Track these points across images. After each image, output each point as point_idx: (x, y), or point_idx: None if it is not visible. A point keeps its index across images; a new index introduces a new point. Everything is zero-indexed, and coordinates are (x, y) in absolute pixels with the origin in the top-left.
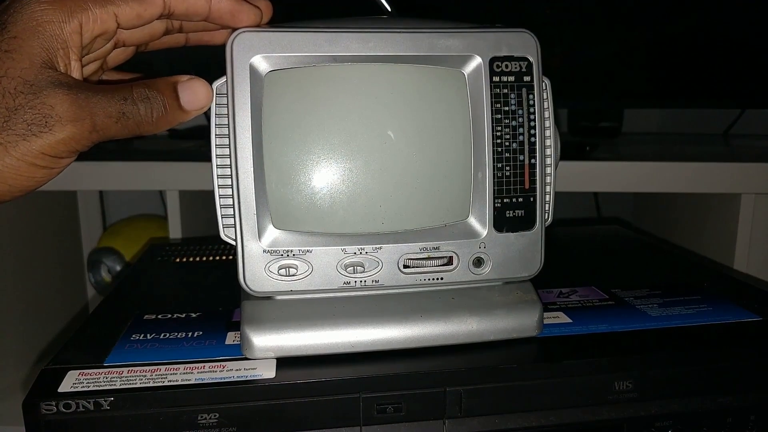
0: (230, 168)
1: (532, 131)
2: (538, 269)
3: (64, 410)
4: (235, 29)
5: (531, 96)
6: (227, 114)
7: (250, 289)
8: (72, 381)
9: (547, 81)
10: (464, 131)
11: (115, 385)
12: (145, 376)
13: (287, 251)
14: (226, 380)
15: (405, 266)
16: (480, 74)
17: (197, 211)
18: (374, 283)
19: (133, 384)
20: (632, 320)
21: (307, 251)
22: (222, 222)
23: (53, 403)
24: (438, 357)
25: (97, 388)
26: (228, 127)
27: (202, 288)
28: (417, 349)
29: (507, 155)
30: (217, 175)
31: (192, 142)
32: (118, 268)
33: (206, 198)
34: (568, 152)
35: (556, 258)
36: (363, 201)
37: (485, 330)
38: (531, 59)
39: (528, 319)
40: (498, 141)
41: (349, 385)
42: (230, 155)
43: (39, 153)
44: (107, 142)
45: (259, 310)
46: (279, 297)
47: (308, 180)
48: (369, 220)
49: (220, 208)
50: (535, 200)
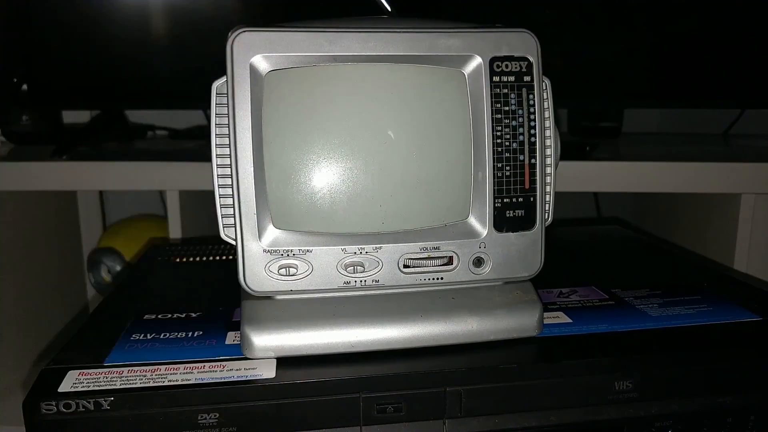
0: (230, 168)
1: (532, 131)
2: (538, 269)
3: (64, 410)
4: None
5: (531, 96)
6: (227, 114)
7: (250, 289)
8: (72, 381)
9: (547, 81)
10: (464, 131)
11: (115, 385)
12: (145, 376)
13: (287, 251)
14: (226, 380)
15: (405, 266)
16: (480, 74)
17: (197, 211)
18: (374, 283)
19: (133, 384)
20: (632, 320)
21: (307, 251)
22: (222, 222)
23: (53, 403)
24: (438, 357)
25: (97, 388)
26: (228, 127)
27: (202, 288)
28: (417, 349)
29: (507, 155)
30: (217, 175)
31: (192, 142)
32: (118, 268)
33: (206, 198)
34: (568, 152)
35: (556, 258)
36: (363, 201)
37: (485, 330)
38: (531, 59)
39: (528, 319)
40: (498, 141)
41: (349, 385)
42: (230, 155)
43: None
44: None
45: (259, 310)
46: (279, 297)
47: (308, 180)
48: (369, 220)
49: (220, 208)
50: (535, 200)
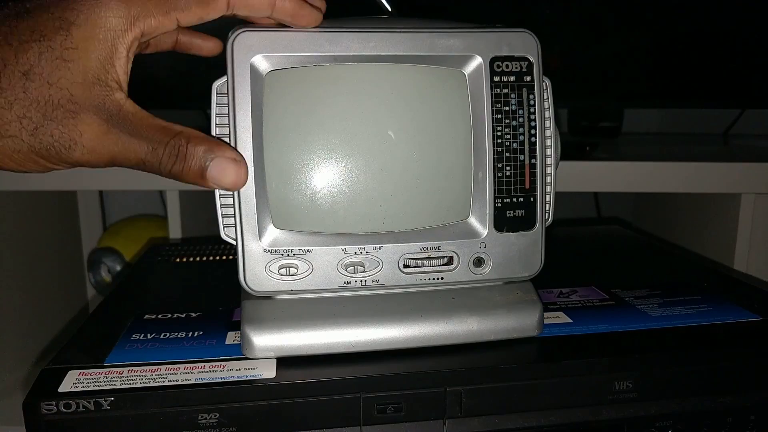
0: None
1: (533, 131)
2: (539, 269)
3: (65, 410)
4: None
5: (531, 96)
6: (227, 114)
7: (251, 289)
8: (72, 381)
9: (547, 81)
10: (464, 131)
11: (116, 385)
12: (146, 376)
13: (287, 251)
14: (226, 380)
15: (405, 266)
16: (480, 74)
17: (197, 211)
18: (374, 283)
19: (134, 384)
20: (632, 320)
21: (308, 251)
22: (222, 221)
23: (53, 403)
24: (438, 357)
25: (98, 388)
26: (228, 127)
27: (202, 288)
28: (417, 349)
29: (507, 155)
30: None
31: None
32: (118, 268)
33: (206, 198)
34: (568, 152)
35: (556, 258)
36: (363, 201)
37: (485, 330)
38: (531, 59)
39: (528, 319)
40: (498, 141)
41: (349, 385)
42: None
43: (48, 163)
44: None
45: (260, 310)
46: (279, 297)
47: (308, 180)
48: (369, 220)
49: (221, 208)
50: (536, 200)
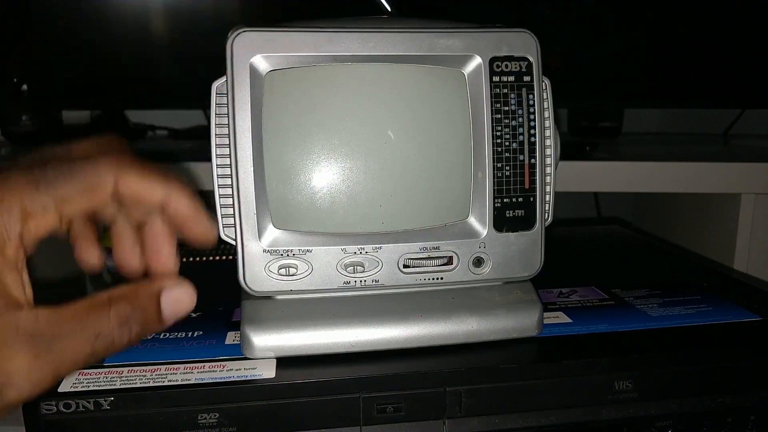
0: (230, 168)
1: (532, 131)
2: (538, 269)
3: (64, 410)
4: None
5: (531, 96)
6: (227, 114)
7: (250, 289)
8: (72, 381)
9: (547, 81)
10: (464, 131)
11: (115, 385)
12: (145, 376)
13: (287, 251)
14: (226, 380)
15: (405, 266)
16: (480, 74)
17: None
18: (374, 283)
19: (133, 384)
20: (632, 320)
21: (307, 251)
22: (222, 222)
23: (53, 403)
24: (438, 357)
25: (97, 388)
26: (228, 127)
27: (202, 288)
28: (417, 349)
29: (507, 155)
30: (217, 175)
31: (192, 142)
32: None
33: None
34: (568, 152)
35: (556, 258)
36: (363, 201)
37: (485, 330)
38: (531, 59)
39: (528, 319)
40: (498, 141)
41: (349, 385)
42: (230, 155)
43: None
44: None
45: (259, 310)
46: (279, 297)
47: (308, 180)
48: (369, 220)
49: (220, 208)
50: (535, 200)
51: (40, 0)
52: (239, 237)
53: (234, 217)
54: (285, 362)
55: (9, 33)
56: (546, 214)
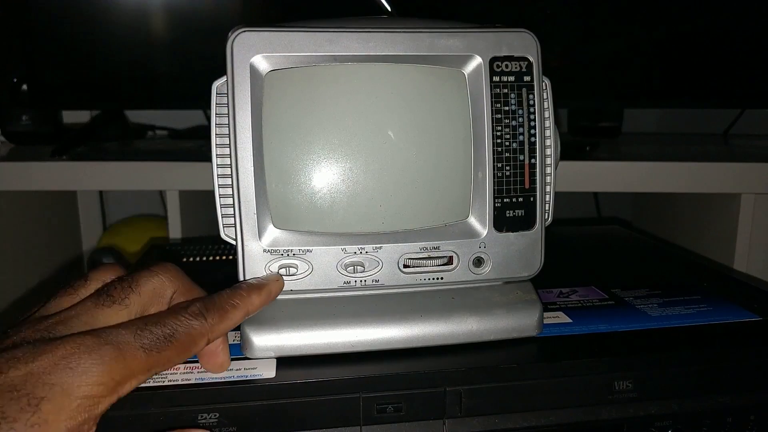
0: (230, 168)
1: (532, 131)
2: (538, 269)
3: None
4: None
5: (531, 96)
6: (227, 114)
7: None
8: None
9: (547, 81)
10: (464, 131)
11: None
12: None
13: (287, 251)
14: (226, 380)
15: (405, 266)
16: (480, 74)
17: (197, 211)
18: (374, 283)
19: None
20: (632, 320)
21: (307, 251)
22: (222, 222)
23: None
24: (438, 357)
25: None
26: (228, 127)
27: (202, 288)
28: (417, 349)
29: (507, 155)
30: (218, 175)
31: (192, 142)
32: None
33: (206, 198)
34: (568, 152)
35: (556, 258)
36: (363, 201)
37: (485, 330)
38: (531, 59)
39: (528, 319)
40: (498, 141)
41: (349, 385)
42: (230, 155)
43: None
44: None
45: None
46: (279, 296)
47: (308, 180)
48: (369, 220)
49: (221, 208)
50: (535, 200)
51: (40, 0)
52: (239, 237)
53: (234, 217)
54: (285, 362)
55: (9, 33)
56: (546, 214)
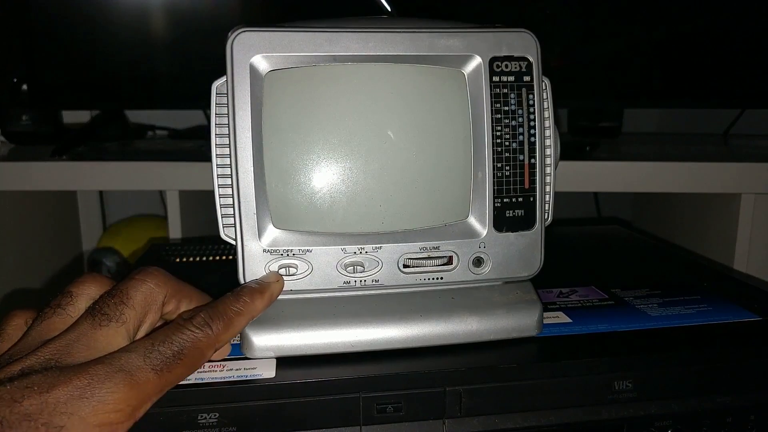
0: (230, 168)
1: (532, 131)
2: (538, 269)
3: None
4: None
5: (531, 96)
6: (227, 114)
7: None
8: None
9: (547, 81)
10: (464, 131)
11: None
12: None
13: (287, 251)
14: (226, 380)
15: (405, 266)
16: (480, 74)
17: (197, 211)
18: (374, 283)
19: None
20: (632, 320)
21: (307, 251)
22: (222, 222)
23: None
24: (438, 357)
25: None
26: (228, 127)
27: (202, 288)
28: (417, 349)
29: (507, 155)
30: (217, 175)
31: (192, 142)
32: (118, 269)
33: (206, 198)
34: (568, 152)
35: (556, 258)
36: (363, 201)
37: (485, 330)
38: (531, 59)
39: (528, 319)
40: (498, 141)
41: (349, 385)
42: (230, 155)
43: None
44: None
45: None
46: (279, 296)
47: (308, 180)
48: (369, 220)
49: (220, 208)
50: (535, 200)
51: (40, 0)
52: (239, 237)
53: (234, 217)
54: (285, 362)
55: (9, 33)
56: (546, 214)
